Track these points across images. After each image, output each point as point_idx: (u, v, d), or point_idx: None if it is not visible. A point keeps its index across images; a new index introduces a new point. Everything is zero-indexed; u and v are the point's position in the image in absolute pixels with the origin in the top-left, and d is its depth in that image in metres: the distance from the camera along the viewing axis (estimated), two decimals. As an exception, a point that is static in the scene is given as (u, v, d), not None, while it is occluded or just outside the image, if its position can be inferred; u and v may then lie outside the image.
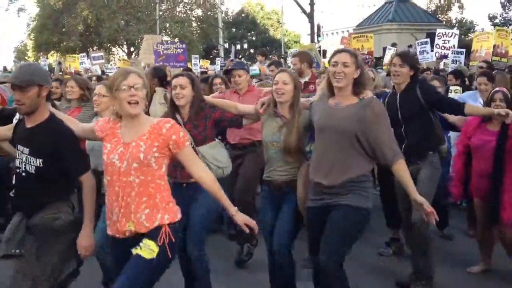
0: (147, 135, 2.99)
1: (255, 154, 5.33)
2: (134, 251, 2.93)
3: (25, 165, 3.22)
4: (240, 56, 40.19)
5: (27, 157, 3.20)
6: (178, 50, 13.03)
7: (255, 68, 9.17)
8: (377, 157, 3.56)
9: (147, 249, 2.92)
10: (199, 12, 41.41)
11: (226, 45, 38.79)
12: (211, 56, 42.29)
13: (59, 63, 13.50)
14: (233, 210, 3.10)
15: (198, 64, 17.29)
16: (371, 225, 4.46)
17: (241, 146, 5.47)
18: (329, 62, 3.73)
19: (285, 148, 3.81)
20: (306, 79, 6.73)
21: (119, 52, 44.20)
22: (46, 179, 3.21)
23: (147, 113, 5.58)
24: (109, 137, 3.09)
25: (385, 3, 31.60)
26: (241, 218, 3.08)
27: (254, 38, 52.70)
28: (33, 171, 3.19)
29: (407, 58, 4.57)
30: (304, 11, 27.66)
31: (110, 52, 41.72)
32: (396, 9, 29.42)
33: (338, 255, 3.51)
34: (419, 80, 4.69)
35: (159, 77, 6.32)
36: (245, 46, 45.16)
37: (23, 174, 3.23)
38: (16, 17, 64.65)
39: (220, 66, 17.22)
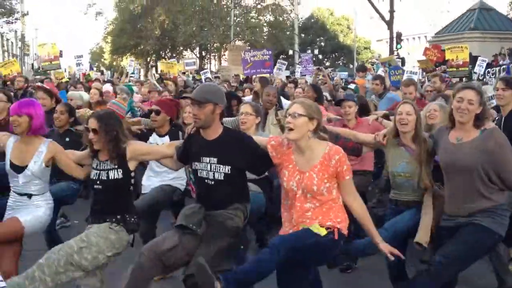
0: (319, 166, 3.30)
1: (362, 179, 5.38)
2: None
3: (213, 173, 3.52)
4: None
5: (215, 166, 3.51)
6: (265, 56, 13.25)
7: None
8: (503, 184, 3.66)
9: (316, 228, 3.23)
10: (270, 17, 41.66)
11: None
12: (280, 62, 42.30)
13: (152, 66, 13.98)
14: (379, 239, 3.42)
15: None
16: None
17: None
18: (453, 95, 3.85)
19: (417, 179, 3.98)
20: None
21: (190, 56, 45.21)
22: (233, 183, 3.53)
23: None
24: (286, 163, 3.41)
25: (467, 10, 30.67)
26: (386, 247, 3.40)
27: (323, 44, 52.45)
28: (222, 178, 3.50)
29: (510, 82, 4.99)
30: (383, 19, 27.21)
31: (182, 56, 42.72)
32: (478, 16, 28.51)
33: (452, 262, 3.58)
34: None
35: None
36: (316, 51, 44.93)
37: (211, 182, 3.53)
38: (94, 20, 67.01)
39: (301, 74, 17.19)
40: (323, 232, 3.21)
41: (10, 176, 4.09)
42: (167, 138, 4.98)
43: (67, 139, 5.25)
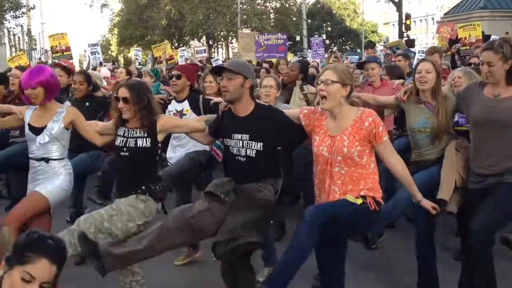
0: (350, 129, 3.23)
1: None
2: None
3: (245, 150, 3.45)
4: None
5: (247, 142, 3.44)
6: (279, 40, 13.21)
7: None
8: None
9: (351, 199, 3.19)
10: (277, 4, 41.45)
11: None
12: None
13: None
14: (419, 196, 3.43)
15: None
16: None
17: None
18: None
19: (435, 133, 3.94)
20: None
21: (197, 45, 45.07)
22: (264, 160, 3.45)
23: (288, 102, 5.79)
24: (317, 129, 3.36)
25: (476, -11, 30.29)
26: (427, 203, 3.45)
27: (330, 29, 52.18)
28: (254, 155, 3.43)
29: None
30: (392, 1, 26.99)
31: (189, 45, 42.63)
32: (488, -5, 28.18)
33: (492, 227, 3.56)
34: None
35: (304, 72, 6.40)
36: (323, 36, 44.70)
37: (243, 159, 3.47)
38: (99, 13, 67.04)
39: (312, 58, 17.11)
40: (358, 201, 3.16)
41: (29, 142, 4.05)
42: (185, 103, 4.94)
43: (87, 103, 5.25)
